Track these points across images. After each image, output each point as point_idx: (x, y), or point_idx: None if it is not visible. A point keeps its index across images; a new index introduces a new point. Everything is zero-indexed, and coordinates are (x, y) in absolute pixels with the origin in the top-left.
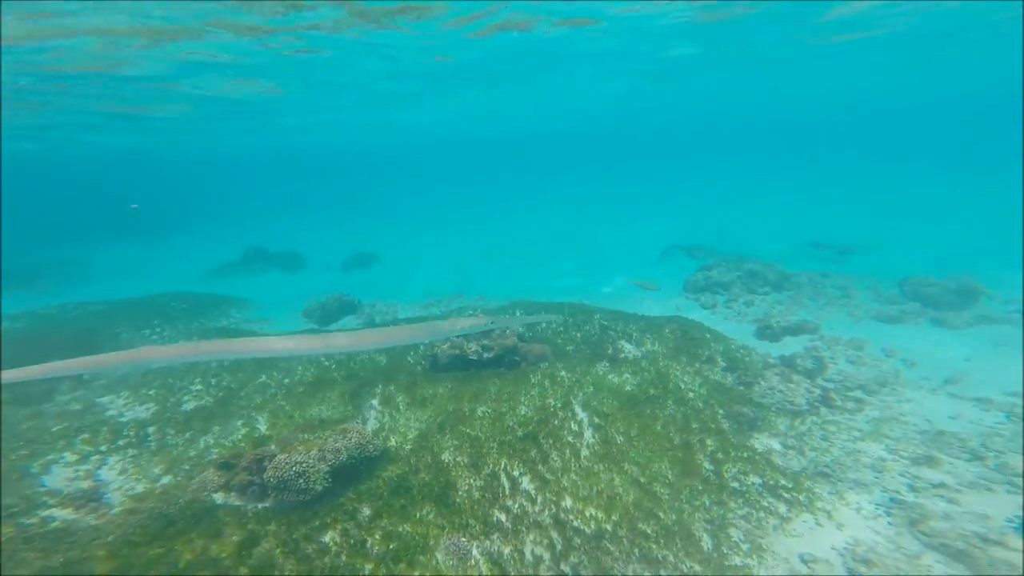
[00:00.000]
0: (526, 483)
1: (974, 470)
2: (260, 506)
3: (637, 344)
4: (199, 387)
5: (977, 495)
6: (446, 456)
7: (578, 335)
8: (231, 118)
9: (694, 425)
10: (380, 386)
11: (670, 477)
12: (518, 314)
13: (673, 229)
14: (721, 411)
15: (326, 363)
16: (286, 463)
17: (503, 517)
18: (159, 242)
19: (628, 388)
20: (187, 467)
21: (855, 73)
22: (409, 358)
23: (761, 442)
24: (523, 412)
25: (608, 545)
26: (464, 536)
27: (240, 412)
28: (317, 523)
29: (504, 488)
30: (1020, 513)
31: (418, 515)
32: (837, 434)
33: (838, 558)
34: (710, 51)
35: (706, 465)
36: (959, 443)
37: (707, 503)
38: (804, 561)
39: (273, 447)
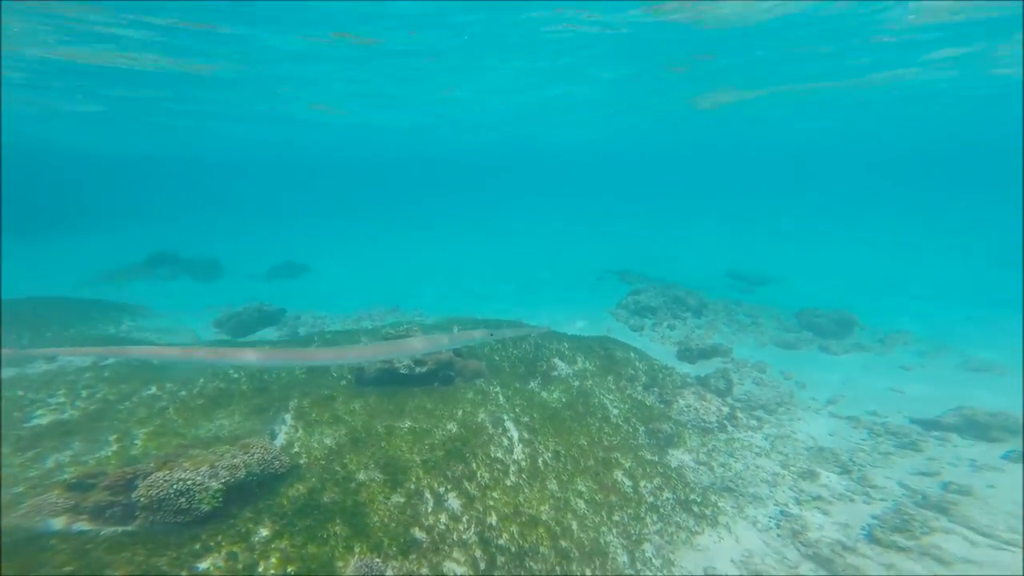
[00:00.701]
0: (451, 500)
1: (843, 483)
2: (119, 530)
3: (569, 362)
4: (61, 399)
5: (843, 505)
6: (363, 474)
7: (514, 352)
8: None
9: (615, 441)
10: (296, 400)
11: (591, 494)
12: (455, 330)
13: (608, 255)
14: (642, 428)
15: (235, 375)
16: (165, 481)
17: (423, 536)
18: (47, 241)
19: (557, 405)
20: (20, 489)
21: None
22: (333, 372)
23: (676, 458)
24: (452, 428)
25: (531, 563)
26: (378, 557)
27: (115, 427)
28: (197, 546)
29: (427, 506)
30: (870, 522)
31: (327, 535)
32: (741, 451)
33: (735, 570)
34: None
35: (625, 481)
36: (834, 458)
37: (624, 519)
38: (707, 574)
39: (151, 464)
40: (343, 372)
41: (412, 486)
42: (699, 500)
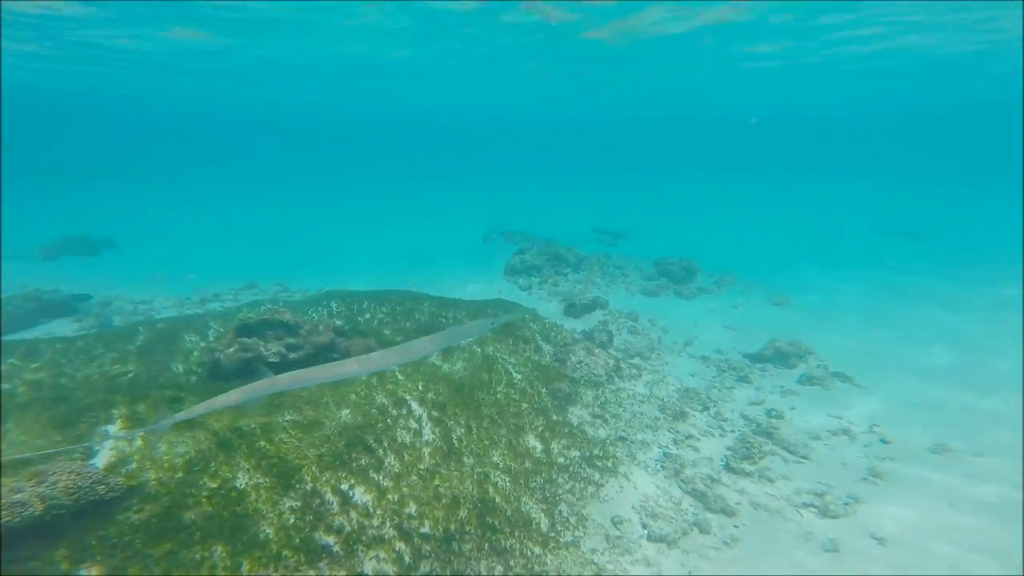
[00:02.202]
0: (359, 495)
1: (705, 420)
2: None
3: None
4: None
5: (707, 441)
6: (241, 479)
7: (408, 324)
8: None
9: (524, 406)
10: (124, 407)
11: (508, 463)
12: (333, 306)
13: (492, 216)
14: (544, 389)
15: (6, 385)
16: None
17: (332, 540)
18: None
19: (462, 376)
20: None
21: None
22: (176, 366)
23: (576, 415)
24: (346, 416)
25: (459, 545)
26: (276, 572)
27: None
28: None
29: (330, 506)
30: (725, 453)
31: (199, 558)
32: (627, 400)
33: (636, 515)
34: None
35: (537, 445)
36: (696, 398)
37: (540, 483)
38: (615, 523)
39: None
40: (191, 367)
41: (308, 486)
42: (601, 454)
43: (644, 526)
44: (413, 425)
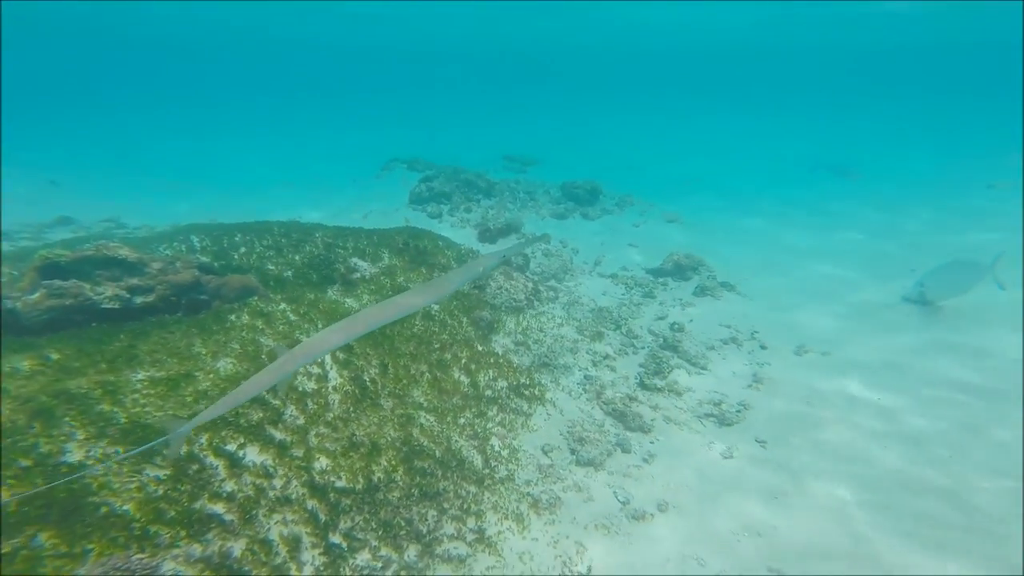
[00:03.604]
0: (253, 455)
1: (618, 338)
2: None
3: (372, 260)
4: None
5: (622, 360)
6: (75, 452)
7: (297, 258)
8: None
9: (445, 338)
10: None
11: (433, 401)
12: (194, 240)
13: (390, 142)
14: (465, 319)
15: None
16: None
17: (221, 508)
18: None
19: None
20: None
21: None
22: None
23: (500, 343)
24: (228, 367)
25: (386, 496)
26: (142, 552)
27: None
28: None
29: (215, 471)
30: (638, 370)
31: (12, 552)
32: (547, 324)
33: (564, 442)
34: None
35: (463, 379)
36: (609, 316)
37: (470, 418)
38: (545, 452)
39: None
40: None
41: (180, 451)
42: (527, 382)
43: (572, 451)
44: (315, 371)
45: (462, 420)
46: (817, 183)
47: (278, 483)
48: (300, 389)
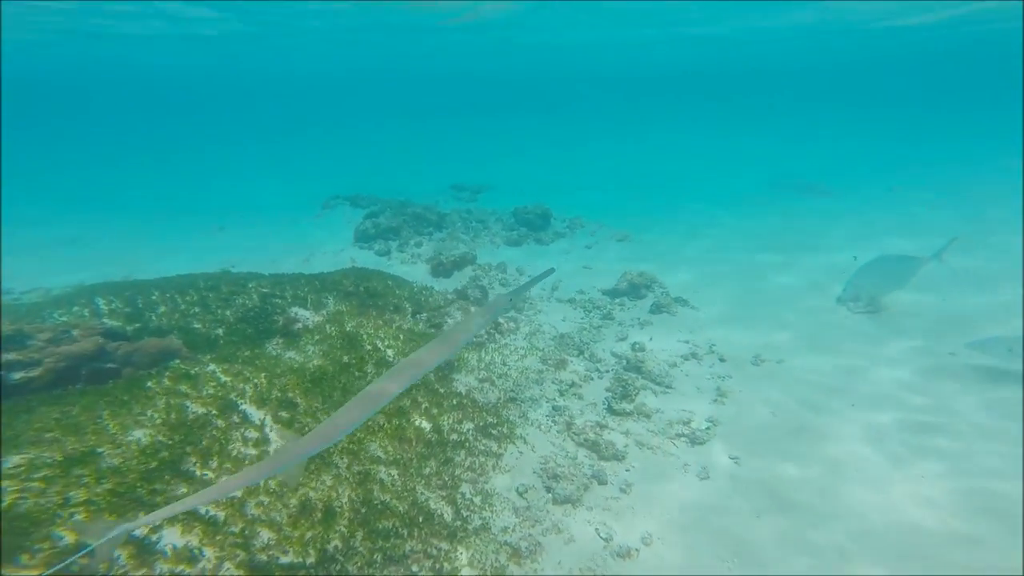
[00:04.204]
0: (173, 538)
1: (583, 364)
2: None
3: (315, 308)
4: None
5: (588, 386)
6: None
7: (227, 313)
8: None
9: None
10: None
11: (393, 453)
12: (100, 303)
13: (331, 180)
14: None
15: None
16: None
17: None
18: None
19: (318, 363)
20: None
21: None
22: None
23: (463, 382)
24: (143, 438)
25: (344, 567)
26: None
27: None
28: None
29: (116, 561)
30: (605, 395)
31: None
32: (510, 357)
33: (539, 480)
34: None
35: (425, 425)
36: (571, 342)
37: (435, 467)
38: (520, 493)
39: None
40: None
41: (65, 541)
42: (495, 421)
43: (548, 489)
44: (253, 434)
45: (427, 470)
46: (778, 200)
47: (209, 565)
48: (235, 454)
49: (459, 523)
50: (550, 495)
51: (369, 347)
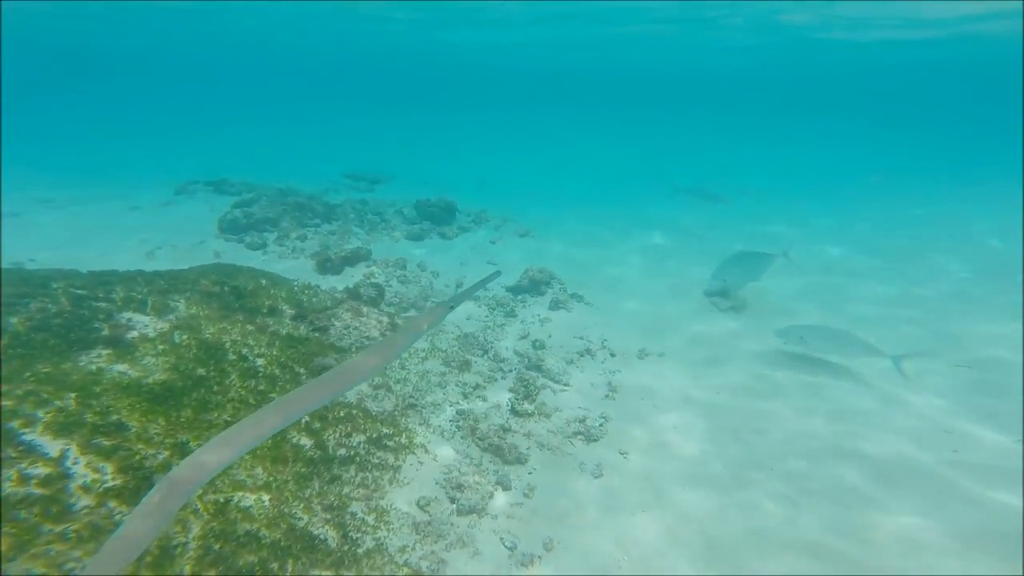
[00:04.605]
0: None
1: (487, 364)
2: None
3: (160, 312)
4: None
5: (492, 387)
6: None
7: (14, 321)
8: None
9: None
10: None
11: (264, 476)
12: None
13: (191, 164)
14: (303, 370)
15: None
16: None
17: None
18: None
19: (161, 377)
20: None
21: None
22: None
23: (354, 390)
24: None
25: None
26: None
27: None
28: None
29: None
30: (508, 396)
31: None
32: (409, 360)
33: (441, 491)
34: None
35: (305, 442)
36: (475, 342)
37: (318, 487)
38: (421, 506)
39: None
40: None
41: None
42: (391, 431)
43: (452, 500)
44: (41, 471)
45: (308, 491)
46: (675, 204)
47: None
48: (12, 499)
49: (347, 547)
50: (454, 506)
51: (234, 356)
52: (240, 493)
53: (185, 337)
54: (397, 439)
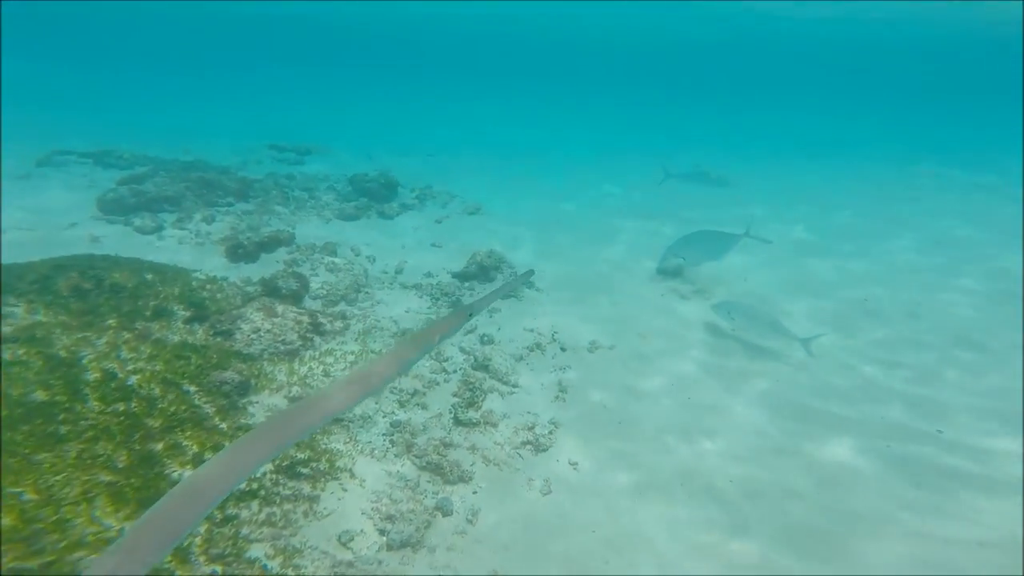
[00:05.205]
0: None
1: (428, 364)
2: None
3: None
4: None
5: (434, 392)
6: None
7: None
8: None
9: (158, 424)
10: None
11: (124, 521)
12: None
13: (56, 129)
14: (194, 387)
15: None
16: None
17: None
18: None
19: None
20: None
21: None
22: None
23: (263, 406)
24: None
25: None
26: None
27: None
28: None
29: None
30: (453, 401)
31: None
32: (336, 366)
33: (369, 522)
34: None
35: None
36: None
37: (203, 533)
38: (344, 543)
39: None
40: None
41: None
42: (307, 456)
43: (382, 532)
44: None
45: (187, 541)
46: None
47: None
48: None
49: None
50: (384, 539)
51: (96, 375)
52: (94, 550)
53: (22, 352)
54: (315, 464)
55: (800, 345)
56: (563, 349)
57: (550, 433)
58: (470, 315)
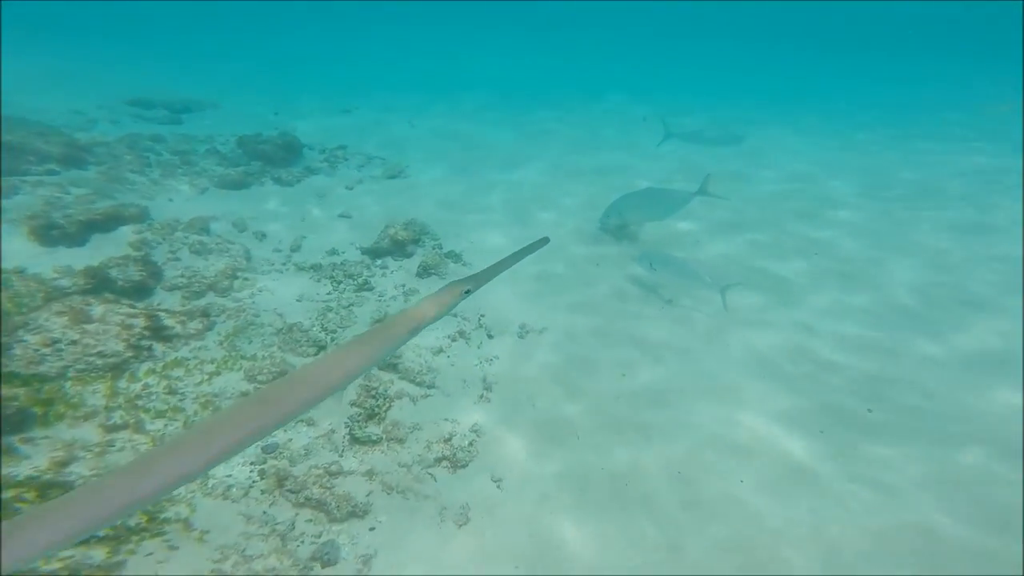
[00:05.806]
0: None
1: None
2: None
3: None
4: None
5: (327, 405)
6: None
7: None
8: None
9: None
10: None
11: None
12: None
13: None
14: None
15: None
16: None
17: None
18: None
19: None
20: None
21: None
22: None
23: (63, 439)
24: None
25: None
26: None
27: None
28: None
29: None
30: (352, 413)
31: None
32: (187, 378)
33: None
34: None
35: None
36: (306, 337)
37: None
38: None
39: None
40: None
41: None
42: (146, 522)
43: None
44: None
45: None
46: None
47: None
48: None
49: None
50: None
51: None
52: None
53: None
54: (141, 518)
55: (719, 293)
56: (490, 336)
57: (470, 444)
58: (467, 292)
